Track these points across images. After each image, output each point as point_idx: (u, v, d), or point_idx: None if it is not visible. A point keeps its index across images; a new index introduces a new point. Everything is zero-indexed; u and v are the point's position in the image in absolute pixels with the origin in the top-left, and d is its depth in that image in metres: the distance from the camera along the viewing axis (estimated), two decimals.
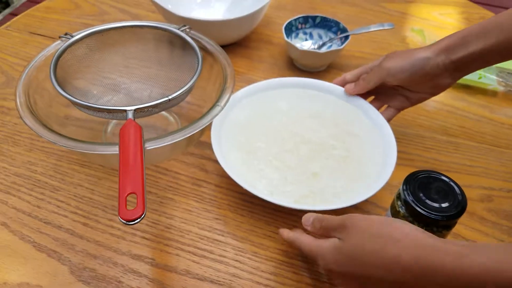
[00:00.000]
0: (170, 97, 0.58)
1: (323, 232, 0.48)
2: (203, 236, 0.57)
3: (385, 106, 0.67)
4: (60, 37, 0.65)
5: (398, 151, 0.60)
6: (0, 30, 0.88)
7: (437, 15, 0.98)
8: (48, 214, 0.59)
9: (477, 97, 0.79)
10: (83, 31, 0.65)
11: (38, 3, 2.16)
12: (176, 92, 0.59)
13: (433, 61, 0.58)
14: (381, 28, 0.79)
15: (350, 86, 0.67)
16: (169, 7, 0.84)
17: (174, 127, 0.71)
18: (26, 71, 0.62)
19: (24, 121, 0.53)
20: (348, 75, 0.69)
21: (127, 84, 0.68)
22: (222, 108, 0.59)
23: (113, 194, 0.61)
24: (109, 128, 0.70)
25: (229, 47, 0.84)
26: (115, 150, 0.52)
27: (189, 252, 0.56)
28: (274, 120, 0.67)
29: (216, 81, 0.66)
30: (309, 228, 0.50)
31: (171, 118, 0.72)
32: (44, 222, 0.58)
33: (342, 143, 0.63)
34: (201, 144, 0.68)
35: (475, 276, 0.36)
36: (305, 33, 0.85)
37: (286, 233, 0.52)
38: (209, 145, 0.67)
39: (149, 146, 0.53)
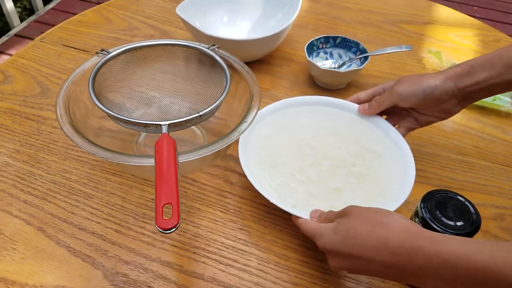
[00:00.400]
0: (201, 113, 0.62)
1: (326, 221, 0.53)
2: (228, 245, 0.61)
3: (396, 125, 0.70)
4: (96, 52, 0.68)
5: (415, 169, 0.63)
6: (36, 42, 0.92)
7: (453, 36, 1.01)
8: (82, 220, 0.62)
9: (491, 118, 0.82)
10: (119, 47, 0.69)
11: (62, 11, 2.21)
12: (207, 108, 0.62)
13: (441, 88, 0.61)
14: (399, 50, 0.82)
15: (363, 106, 0.71)
16: (197, 24, 0.88)
17: (201, 140, 0.75)
18: (65, 85, 0.66)
19: (65, 133, 0.57)
20: (362, 95, 0.72)
21: (158, 98, 0.72)
22: (249, 125, 0.62)
23: (144, 203, 0.65)
24: (140, 139, 0.73)
25: (253, 64, 0.88)
26: (151, 162, 0.56)
27: (215, 260, 0.59)
28: (297, 136, 0.70)
29: (242, 97, 0.70)
30: (315, 220, 0.55)
31: (198, 131, 0.76)
32: (79, 228, 0.62)
33: (362, 160, 0.66)
34: (225, 157, 0.72)
35: (445, 259, 0.41)
36: (325, 52, 0.88)
37: (295, 219, 0.57)
38: (233, 158, 0.71)
39: (182, 159, 0.57)
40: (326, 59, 0.88)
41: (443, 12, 1.08)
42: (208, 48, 0.71)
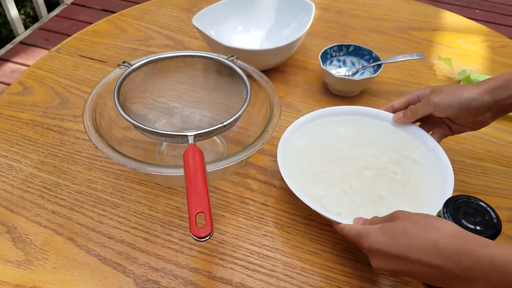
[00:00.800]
0: (225, 123, 0.64)
1: (372, 225, 0.54)
2: (254, 251, 0.62)
3: (430, 132, 0.72)
4: (118, 65, 0.70)
5: None
6: (52, 53, 0.94)
7: (461, 43, 1.03)
8: (111, 229, 0.64)
9: (503, 123, 0.83)
10: (140, 60, 0.70)
11: (66, 18, 2.22)
12: (230, 118, 0.64)
13: (479, 101, 0.63)
14: (411, 58, 0.84)
15: (398, 115, 0.72)
16: (212, 34, 0.90)
17: (220, 148, 0.76)
18: (90, 97, 0.67)
19: (96, 146, 0.59)
20: (396, 104, 0.73)
21: (180, 108, 0.74)
22: (271, 134, 0.64)
23: (170, 211, 0.66)
24: (162, 149, 0.75)
25: (267, 72, 0.89)
26: (180, 172, 0.58)
27: (242, 266, 0.60)
28: (334, 145, 0.71)
29: (262, 107, 0.71)
30: (360, 224, 0.56)
31: (217, 140, 0.77)
32: (108, 237, 0.63)
33: (402, 167, 0.67)
34: (246, 165, 0.73)
35: (495, 262, 0.43)
36: (338, 60, 0.90)
37: (336, 224, 0.58)
38: (252, 165, 0.73)
39: (210, 168, 0.58)
40: (339, 67, 0.90)
41: (449, 18, 1.10)
42: (227, 59, 0.72)
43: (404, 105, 0.72)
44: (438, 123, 0.70)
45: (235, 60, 0.72)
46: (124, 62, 0.70)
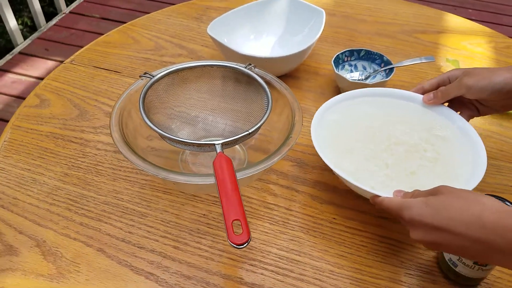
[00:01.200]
0: (250, 131, 0.65)
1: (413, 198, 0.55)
2: (282, 256, 0.63)
3: (458, 112, 0.73)
4: (140, 76, 0.71)
5: None
6: (66, 65, 0.95)
7: (467, 44, 1.05)
8: (140, 239, 0.65)
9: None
10: (161, 70, 0.72)
11: (65, 27, 2.22)
12: (255, 126, 0.65)
13: (511, 86, 0.64)
14: (421, 61, 0.86)
15: (428, 96, 0.73)
16: (225, 41, 0.91)
17: (241, 155, 0.78)
18: (115, 110, 0.68)
19: (127, 157, 0.60)
20: (427, 85, 0.74)
21: (201, 117, 0.75)
22: (295, 140, 0.65)
23: (197, 218, 0.67)
24: (184, 157, 0.76)
25: (280, 78, 0.91)
26: (210, 180, 0.59)
27: (272, 271, 0.62)
28: (366, 123, 0.73)
29: (282, 113, 0.73)
30: (400, 197, 0.57)
31: (238, 147, 0.79)
32: (138, 247, 0.64)
33: (432, 145, 0.69)
34: (268, 171, 0.75)
35: None
36: (350, 65, 0.92)
37: (375, 197, 0.59)
38: (274, 171, 0.74)
39: (239, 176, 0.59)
40: (351, 71, 0.92)
41: (453, 20, 1.13)
42: (245, 67, 0.74)
43: (434, 87, 0.73)
44: (467, 104, 0.71)
45: (252, 68, 0.74)
46: (145, 73, 0.72)
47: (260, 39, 0.98)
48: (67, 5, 2.44)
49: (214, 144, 0.62)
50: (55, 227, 0.66)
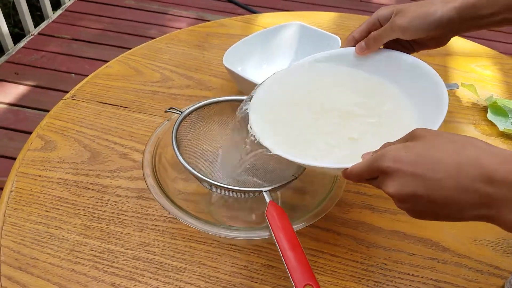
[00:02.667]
0: (297, 175, 0.61)
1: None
2: None
3: None
4: (166, 111, 0.67)
5: None
6: (67, 101, 0.87)
7: (474, 67, 1.04)
8: None
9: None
10: (189, 107, 0.67)
11: (35, 49, 2.12)
12: (301, 170, 0.61)
13: (446, 19, 0.59)
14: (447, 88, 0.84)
15: (360, 47, 0.65)
16: (239, 69, 0.87)
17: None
18: (146, 154, 0.63)
19: (167, 209, 0.54)
20: (357, 34, 0.66)
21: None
22: (345, 181, 0.62)
23: (237, 271, 0.62)
24: (212, 200, 0.71)
25: None
26: (263, 235, 0.55)
27: None
28: (298, 92, 0.66)
29: None
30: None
31: None
32: None
33: (373, 110, 0.62)
34: None
35: None
36: None
37: (345, 171, 0.50)
38: None
39: (297, 227, 0.55)
40: None
41: (457, 42, 1.12)
42: None
43: (365, 33, 0.65)
44: (401, 42, 0.65)
45: None
46: (170, 108, 0.67)
47: (272, 67, 0.94)
48: (35, 27, 2.32)
49: (261, 191, 0.58)
50: None
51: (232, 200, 0.71)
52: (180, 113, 0.66)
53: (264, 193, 0.58)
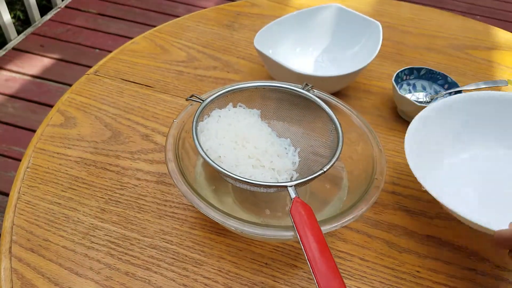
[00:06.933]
0: (325, 170, 0.56)
1: None
2: None
3: None
4: (187, 99, 0.62)
5: None
6: (90, 76, 0.84)
7: None
8: None
9: None
10: (211, 93, 0.63)
11: (61, 22, 2.10)
12: (329, 163, 0.57)
13: None
14: (494, 85, 0.78)
15: None
16: (270, 52, 0.82)
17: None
18: (169, 141, 0.59)
19: (196, 205, 0.50)
20: None
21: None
22: (383, 182, 0.57)
23: (258, 268, 0.58)
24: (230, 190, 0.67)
25: None
26: (289, 236, 0.51)
27: None
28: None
29: (357, 143, 0.65)
30: None
31: None
32: None
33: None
34: None
35: None
36: (408, 84, 0.83)
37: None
38: None
39: (327, 229, 0.51)
40: (409, 91, 0.83)
41: (502, 36, 1.05)
42: (302, 89, 0.65)
43: None
44: None
45: (309, 89, 0.65)
46: (192, 96, 0.62)
47: (306, 52, 0.89)
48: None
49: (286, 187, 0.54)
50: (96, 278, 0.56)
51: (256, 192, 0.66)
52: (201, 101, 0.62)
53: (289, 188, 0.53)
